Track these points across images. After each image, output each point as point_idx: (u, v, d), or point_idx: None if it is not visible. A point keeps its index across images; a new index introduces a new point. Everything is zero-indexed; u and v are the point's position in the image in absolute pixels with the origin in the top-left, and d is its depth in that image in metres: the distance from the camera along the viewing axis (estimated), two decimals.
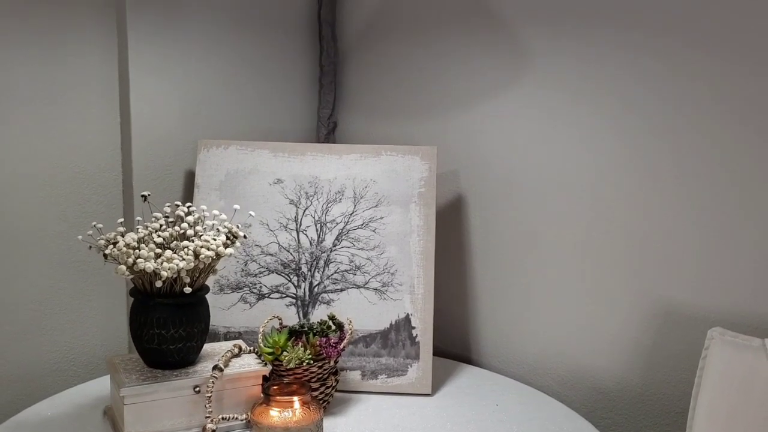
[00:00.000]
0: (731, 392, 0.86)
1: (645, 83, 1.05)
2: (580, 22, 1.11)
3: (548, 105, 1.16)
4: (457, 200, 1.29)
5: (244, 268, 1.18)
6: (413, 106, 1.35)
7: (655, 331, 1.08)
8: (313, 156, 1.22)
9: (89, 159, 1.16)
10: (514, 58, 1.19)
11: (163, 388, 0.94)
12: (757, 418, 0.83)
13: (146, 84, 1.19)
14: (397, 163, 1.20)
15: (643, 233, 1.07)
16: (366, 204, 1.19)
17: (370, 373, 1.14)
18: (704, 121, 1.00)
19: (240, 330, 1.16)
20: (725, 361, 0.87)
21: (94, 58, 1.15)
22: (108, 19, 1.15)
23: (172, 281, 0.92)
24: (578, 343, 1.17)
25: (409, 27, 1.34)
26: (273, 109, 1.40)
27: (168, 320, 0.94)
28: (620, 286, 1.11)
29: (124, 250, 0.88)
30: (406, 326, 1.15)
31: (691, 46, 1.00)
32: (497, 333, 1.27)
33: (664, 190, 1.05)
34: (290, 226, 1.19)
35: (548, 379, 1.20)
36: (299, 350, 1.01)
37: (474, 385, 1.17)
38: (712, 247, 1.01)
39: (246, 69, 1.34)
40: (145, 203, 0.99)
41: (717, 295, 1.01)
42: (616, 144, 1.09)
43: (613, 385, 1.13)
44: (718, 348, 0.88)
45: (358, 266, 1.17)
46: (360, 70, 1.44)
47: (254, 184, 1.21)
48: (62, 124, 1.13)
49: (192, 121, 1.26)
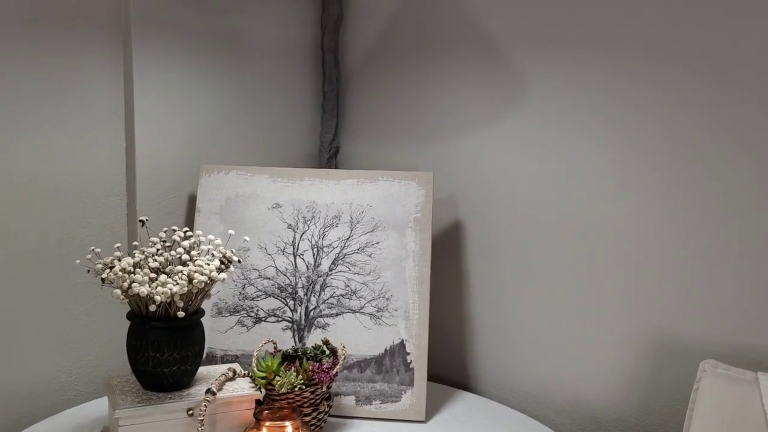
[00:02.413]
0: (722, 425, 0.85)
1: (640, 109, 1.06)
2: (574, 48, 1.12)
3: (544, 131, 1.17)
4: (455, 225, 1.30)
5: (242, 292, 1.19)
6: (413, 131, 1.37)
7: (650, 361, 1.07)
8: (311, 181, 1.24)
9: (94, 182, 1.19)
10: (511, 84, 1.21)
11: (157, 410, 0.95)
12: None
13: (151, 109, 1.22)
14: (393, 188, 1.22)
15: (639, 263, 1.08)
16: (362, 229, 1.20)
17: (364, 398, 1.14)
18: (702, 150, 1.00)
19: (237, 353, 1.17)
20: (716, 394, 0.87)
21: (100, 84, 1.18)
22: (114, 45, 1.19)
23: (166, 305, 0.94)
24: (574, 371, 1.16)
25: (408, 55, 1.36)
26: (276, 133, 1.43)
27: (162, 343, 0.96)
28: (616, 315, 1.10)
29: (119, 274, 0.90)
30: (401, 352, 1.16)
31: (687, 69, 1.00)
32: (493, 360, 1.27)
33: (661, 220, 1.05)
34: (288, 250, 1.21)
35: (544, 408, 1.20)
36: (292, 375, 1.02)
37: (469, 413, 1.17)
38: (708, 279, 1.01)
39: (250, 95, 1.37)
40: (143, 228, 1.01)
41: (712, 326, 1.01)
42: (613, 171, 1.10)
43: (609, 415, 1.12)
44: (710, 380, 0.88)
45: (354, 291, 1.18)
46: (361, 97, 1.46)
47: (253, 208, 1.23)
48: (68, 148, 1.16)
49: (196, 146, 1.29)
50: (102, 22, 1.17)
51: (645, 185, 1.06)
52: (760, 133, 0.95)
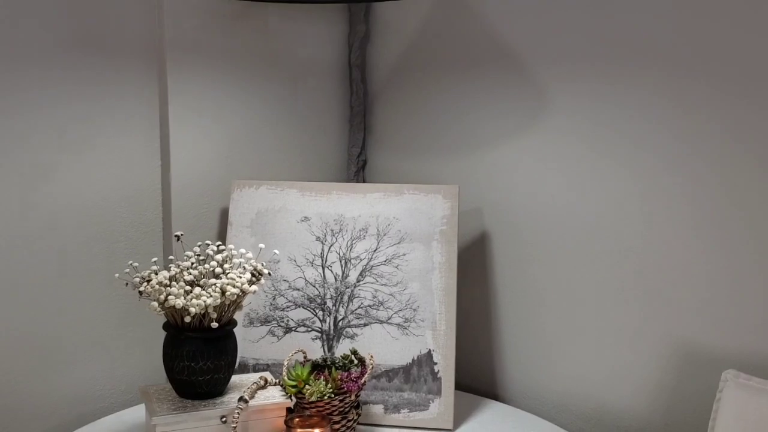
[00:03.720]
0: None
1: (661, 124, 1.07)
2: (598, 65, 1.14)
3: (567, 145, 1.19)
4: (481, 237, 1.32)
5: (273, 302, 1.23)
6: (439, 145, 1.40)
7: (676, 371, 1.07)
8: (338, 195, 1.27)
9: (132, 199, 1.25)
10: (535, 100, 1.23)
11: (192, 417, 0.99)
12: None
13: (185, 129, 1.27)
14: (419, 201, 1.24)
15: (662, 274, 1.08)
16: (389, 241, 1.23)
17: (392, 407, 1.16)
18: (722, 162, 1.01)
19: (268, 362, 1.20)
20: (739, 404, 0.87)
21: (136, 106, 1.24)
22: (149, 69, 1.24)
23: (200, 316, 0.98)
24: (600, 380, 1.17)
25: (434, 70, 1.39)
26: (306, 148, 1.46)
27: (197, 353, 0.99)
28: (641, 325, 1.11)
29: (156, 287, 0.95)
30: (428, 362, 1.17)
31: (708, 87, 1.01)
32: (521, 370, 1.28)
33: (684, 231, 1.06)
34: (316, 262, 1.24)
35: (572, 417, 1.20)
36: (321, 384, 1.05)
37: (496, 422, 1.18)
38: (730, 290, 1.01)
39: (280, 111, 1.41)
40: (178, 242, 1.05)
41: (737, 336, 1.01)
42: (635, 185, 1.11)
43: (635, 424, 1.13)
44: (732, 391, 0.88)
45: (381, 302, 1.21)
46: (388, 111, 1.49)
47: (283, 221, 1.26)
48: (108, 168, 1.22)
49: (228, 163, 1.34)
50: (138, 48, 1.23)
51: (667, 198, 1.07)
52: None
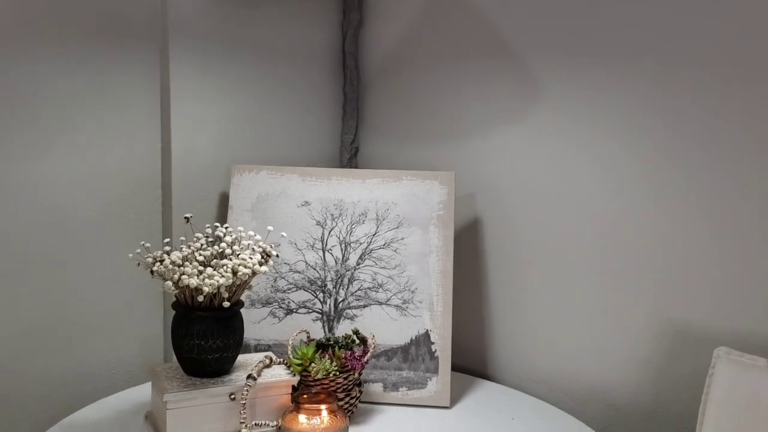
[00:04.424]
0: (737, 410, 0.89)
1: (653, 108, 1.11)
2: (589, 52, 1.18)
3: (560, 131, 1.23)
4: (474, 222, 1.37)
5: (274, 285, 1.25)
6: (431, 132, 1.43)
7: (666, 350, 1.12)
8: (338, 180, 1.30)
9: (132, 182, 1.26)
10: (528, 86, 1.27)
11: (202, 395, 1.02)
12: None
13: (186, 113, 1.28)
14: (417, 187, 1.28)
15: (653, 255, 1.13)
16: (388, 225, 1.27)
17: (391, 385, 1.21)
18: (714, 145, 1.05)
19: (269, 342, 1.23)
20: (731, 380, 0.91)
21: (138, 89, 1.24)
22: (152, 53, 1.25)
23: (211, 296, 1.00)
24: (592, 361, 1.21)
25: (427, 58, 1.42)
26: (300, 135, 1.49)
27: (207, 332, 1.02)
28: (632, 305, 1.16)
29: (170, 267, 0.97)
30: (426, 341, 1.22)
31: (697, 70, 1.06)
32: (513, 350, 1.33)
33: (675, 212, 1.10)
34: (317, 245, 1.27)
35: (563, 396, 1.25)
36: (326, 362, 1.09)
37: (491, 400, 1.23)
38: (721, 269, 1.06)
39: (276, 98, 1.43)
40: (188, 224, 1.07)
41: (726, 315, 1.05)
42: (627, 167, 1.15)
43: (626, 402, 1.17)
44: (724, 367, 0.92)
45: (380, 284, 1.24)
46: (381, 98, 1.52)
47: (283, 206, 1.29)
48: (109, 149, 1.22)
49: (227, 147, 1.35)
50: (141, 32, 1.23)
51: (658, 180, 1.12)
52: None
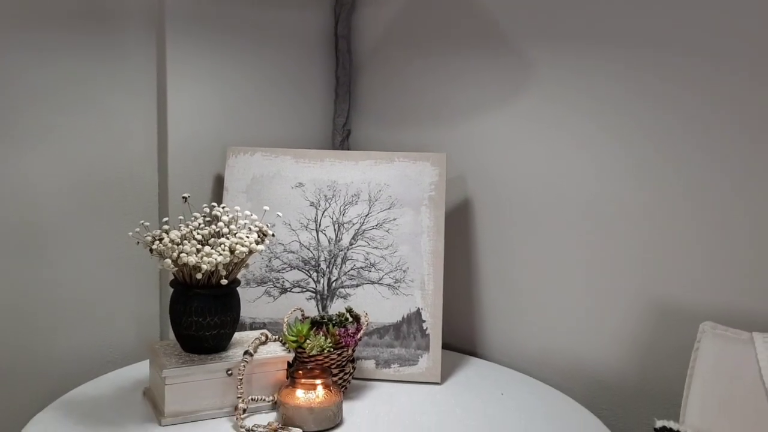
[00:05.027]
0: (722, 382, 0.92)
1: (637, 92, 1.14)
2: (580, 38, 1.20)
3: (550, 115, 1.26)
4: (465, 203, 1.40)
5: (268, 264, 1.28)
6: (422, 115, 1.45)
7: (652, 327, 1.15)
8: (331, 162, 1.32)
9: (128, 163, 1.27)
10: (518, 71, 1.29)
11: (200, 370, 1.04)
12: (746, 405, 0.89)
13: (181, 94, 1.30)
14: (409, 168, 1.30)
15: (640, 234, 1.16)
16: (380, 206, 1.29)
17: (383, 362, 1.24)
18: (699, 127, 1.08)
19: (264, 321, 1.26)
20: (716, 353, 0.94)
21: (134, 70, 1.25)
22: (148, 35, 1.26)
23: (209, 274, 1.02)
24: (579, 338, 1.24)
25: (419, 42, 1.44)
26: (292, 117, 1.50)
27: (205, 309, 1.04)
28: (619, 284, 1.19)
29: (169, 245, 0.99)
30: (417, 319, 1.25)
31: (684, 56, 1.08)
32: (502, 328, 1.36)
33: (661, 193, 1.13)
34: (310, 226, 1.29)
35: (551, 372, 1.28)
36: (321, 339, 1.11)
37: (480, 376, 1.26)
38: (706, 247, 1.09)
39: (270, 81, 1.45)
40: (185, 204, 1.09)
41: (711, 292, 1.08)
42: (614, 150, 1.18)
43: (613, 378, 1.20)
44: (710, 341, 0.95)
45: (373, 264, 1.27)
46: (373, 82, 1.54)
47: (277, 187, 1.31)
48: (105, 132, 1.24)
49: (222, 129, 1.37)
50: (138, 15, 1.24)
51: (643, 160, 1.14)
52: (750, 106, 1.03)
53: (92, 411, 1.05)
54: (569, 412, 1.13)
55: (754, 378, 0.90)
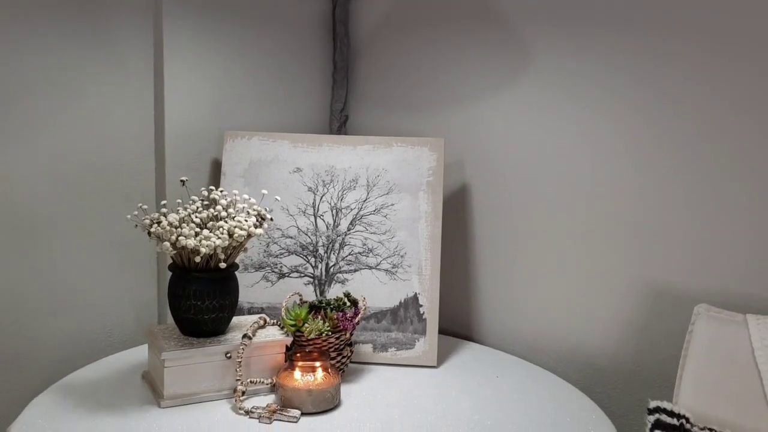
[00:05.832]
0: (715, 363, 0.94)
1: (634, 78, 1.14)
2: (578, 24, 1.21)
3: (547, 100, 1.26)
4: (462, 189, 1.40)
5: (266, 250, 1.28)
6: (420, 100, 1.45)
7: (646, 311, 1.17)
8: (329, 147, 1.32)
9: (126, 147, 1.27)
10: (516, 56, 1.29)
11: (199, 353, 1.05)
12: (739, 386, 0.91)
13: (179, 79, 1.29)
14: (407, 153, 1.31)
15: (635, 220, 1.17)
16: (378, 191, 1.29)
17: (380, 346, 1.25)
18: (694, 113, 1.09)
19: (262, 305, 1.26)
20: (710, 335, 0.95)
21: (131, 56, 1.25)
22: (145, 19, 1.25)
23: (208, 257, 1.02)
24: (574, 322, 1.26)
25: (417, 27, 1.44)
26: (290, 102, 1.50)
27: (203, 292, 1.04)
28: (614, 269, 1.20)
29: (167, 228, 0.99)
30: (414, 304, 1.26)
31: (682, 42, 1.09)
32: (498, 313, 1.37)
33: (656, 179, 1.14)
34: (308, 211, 1.29)
35: (546, 357, 1.30)
36: (319, 323, 1.12)
37: (476, 360, 1.27)
38: (700, 233, 1.10)
39: (267, 65, 1.44)
40: (183, 187, 1.09)
41: (704, 276, 1.10)
42: (610, 135, 1.19)
43: (607, 362, 1.22)
44: (704, 323, 0.96)
45: (371, 249, 1.27)
46: (370, 67, 1.54)
47: (275, 172, 1.31)
48: (102, 116, 1.23)
49: (218, 114, 1.37)
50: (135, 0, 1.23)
51: (639, 145, 1.15)
52: (749, 90, 1.04)
53: (91, 394, 1.06)
54: (564, 394, 1.14)
55: (747, 359, 0.91)
